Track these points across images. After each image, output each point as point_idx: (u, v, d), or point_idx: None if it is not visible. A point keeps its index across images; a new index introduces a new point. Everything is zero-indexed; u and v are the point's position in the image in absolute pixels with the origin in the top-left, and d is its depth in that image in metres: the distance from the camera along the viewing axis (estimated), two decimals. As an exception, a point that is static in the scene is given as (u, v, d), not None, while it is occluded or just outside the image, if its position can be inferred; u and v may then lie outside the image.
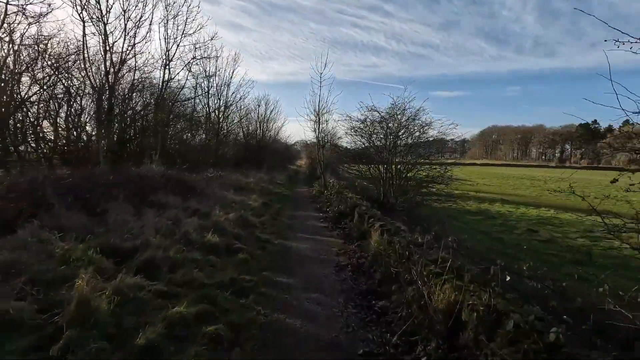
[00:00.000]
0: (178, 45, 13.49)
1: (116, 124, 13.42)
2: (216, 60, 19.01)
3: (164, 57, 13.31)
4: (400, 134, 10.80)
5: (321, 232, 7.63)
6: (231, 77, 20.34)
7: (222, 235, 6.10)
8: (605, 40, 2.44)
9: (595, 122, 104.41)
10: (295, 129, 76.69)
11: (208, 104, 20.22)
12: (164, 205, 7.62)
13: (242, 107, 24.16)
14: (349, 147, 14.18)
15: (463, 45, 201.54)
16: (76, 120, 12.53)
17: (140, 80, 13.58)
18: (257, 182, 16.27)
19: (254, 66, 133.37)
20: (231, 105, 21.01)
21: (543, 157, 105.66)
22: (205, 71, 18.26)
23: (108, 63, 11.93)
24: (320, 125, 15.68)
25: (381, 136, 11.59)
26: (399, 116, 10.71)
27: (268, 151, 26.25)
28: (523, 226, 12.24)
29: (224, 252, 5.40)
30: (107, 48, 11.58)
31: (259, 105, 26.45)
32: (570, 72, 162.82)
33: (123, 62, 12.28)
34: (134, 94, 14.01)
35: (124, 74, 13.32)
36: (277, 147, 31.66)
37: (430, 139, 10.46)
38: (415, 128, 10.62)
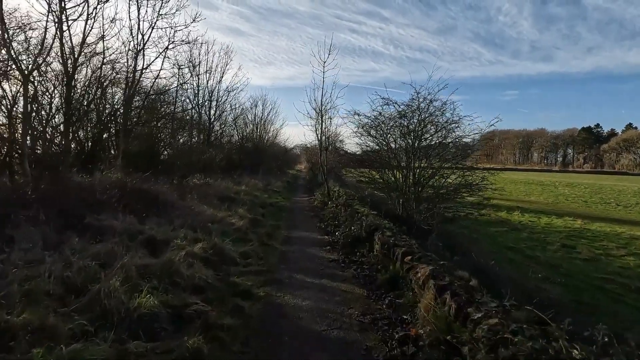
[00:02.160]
0: (153, 28, 11.25)
1: (79, 122, 11.14)
2: (206, 54, 16.91)
3: (137, 40, 11.07)
4: (424, 131, 8.55)
5: (329, 270, 5.25)
6: (223, 72, 18.23)
7: (172, 287, 3.77)
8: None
9: (597, 125, 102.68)
10: (294, 133, 74.83)
11: (197, 101, 18.05)
12: (104, 230, 5.29)
13: (237, 105, 22.03)
14: (355, 150, 11.97)
15: (460, 49, 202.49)
16: (44, 118, 10.25)
17: (109, 72, 11.34)
18: (250, 190, 13.96)
19: (252, 71, 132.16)
20: (223, 102, 18.83)
21: (545, 161, 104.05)
22: (191, 62, 16.09)
23: (67, 49, 9.69)
24: (323, 125, 13.37)
25: (397, 135, 9.38)
26: (422, 111, 8.46)
27: (265, 155, 23.97)
28: (554, 240, 10.54)
29: (166, 328, 3.07)
30: (62, 26, 9.33)
31: (255, 106, 24.31)
32: (568, 77, 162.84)
33: (85, 43, 10.04)
34: (105, 88, 11.76)
35: (98, 66, 11.10)
36: (275, 151, 29.37)
37: (467, 139, 8.19)
38: (445, 125, 8.37)
